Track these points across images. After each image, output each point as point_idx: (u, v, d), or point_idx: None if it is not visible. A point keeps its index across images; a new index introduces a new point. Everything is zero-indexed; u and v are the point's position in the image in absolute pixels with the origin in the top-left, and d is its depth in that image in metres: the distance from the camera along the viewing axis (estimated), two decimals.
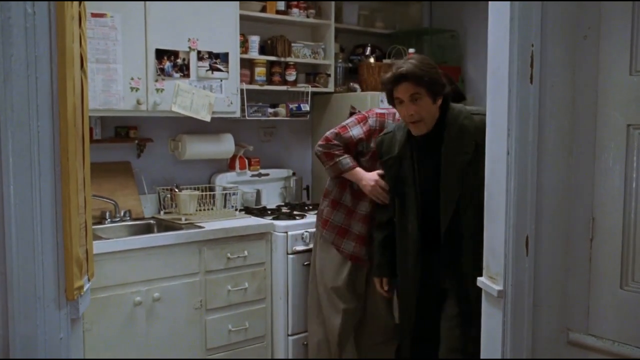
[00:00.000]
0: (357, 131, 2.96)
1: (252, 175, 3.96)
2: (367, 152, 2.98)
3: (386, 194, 2.81)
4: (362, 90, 4.05)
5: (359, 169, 2.95)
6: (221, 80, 3.50)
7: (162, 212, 3.59)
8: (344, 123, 3.04)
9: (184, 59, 3.35)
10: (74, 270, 1.60)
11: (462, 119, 2.44)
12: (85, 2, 1.82)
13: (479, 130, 2.38)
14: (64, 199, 1.57)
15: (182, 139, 3.61)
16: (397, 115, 2.85)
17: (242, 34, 3.62)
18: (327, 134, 3.03)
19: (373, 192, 2.88)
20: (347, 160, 2.97)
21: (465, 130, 2.42)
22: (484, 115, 2.41)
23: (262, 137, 4.14)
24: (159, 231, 3.39)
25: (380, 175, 2.85)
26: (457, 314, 2.46)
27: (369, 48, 4.33)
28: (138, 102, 3.22)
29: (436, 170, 2.45)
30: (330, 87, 4.06)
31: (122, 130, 3.52)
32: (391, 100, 2.47)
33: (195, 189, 3.65)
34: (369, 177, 2.90)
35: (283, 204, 4.05)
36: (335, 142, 2.98)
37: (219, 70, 3.47)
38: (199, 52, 3.39)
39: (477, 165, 2.36)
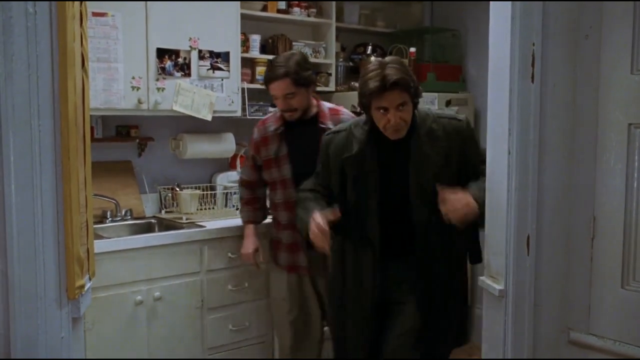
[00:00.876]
0: (250, 150, 3.02)
1: None
2: (261, 165, 2.97)
3: (256, 266, 3.02)
4: None
5: (248, 228, 3.05)
6: (222, 80, 3.50)
7: (163, 212, 3.59)
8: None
9: (185, 58, 3.35)
10: (75, 270, 1.61)
11: (430, 122, 2.31)
12: (86, 2, 1.82)
13: (447, 134, 2.30)
14: (65, 198, 1.57)
15: (183, 138, 3.60)
16: (277, 114, 2.90)
17: (243, 33, 3.62)
18: (241, 173, 3.09)
19: (244, 259, 3.01)
20: (244, 213, 3.10)
21: (434, 135, 2.29)
22: (451, 118, 2.38)
23: None
24: (160, 230, 3.39)
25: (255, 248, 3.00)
26: (414, 328, 2.32)
27: (370, 47, 4.33)
28: (139, 101, 3.22)
29: (403, 174, 2.30)
30: (332, 86, 4.06)
31: (123, 130, 3.52)
32: (368, 109, 2.25)
33: (196, 188, 3.65)
34: (246, 245, 3.02)
35: None
36: (244, 179, 3.08)
37: (220, 69, 3.47)
38: (200, 51, 3.39)
39: (448, 169, 2.30)
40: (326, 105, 2.94)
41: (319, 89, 4.02)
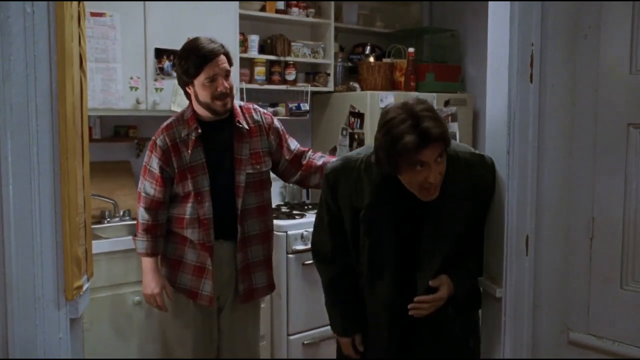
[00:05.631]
0: (155, 162, 2.48)
1: None
2: (174, 177, 2.48)
3: (162, 309, 2.53)
4: (362, 89, 4.05)
5: (149, 263, 2.51)
6: None
7: None
8: (144, 162, 2.55)
9: None
10: (73, 270, 1.60)
11: (458, 173, 1.90)
12: (85, 1, 1.81)
13: (474, 191, 1.92)
14: (63, 198, 1.57)
15: None
16: (185, 115, 2.50)
17: (241, 33, 3.62)
18: (140, 188, 2.56)
19: (147, 300, 2.55)
20: (142, 243, 2.51)
21: (460, 193, 1.91)
22: (479, 165, 1.94)
23: None
24: None
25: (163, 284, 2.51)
26: None
27: (368, 47, 4.33)
28: (137, 102, 3.22)
29: (415, 234, 1.94)
30: (330, 87, 4.06)
31: (121, 130, 3.52)
32: (397, 167, 1.79)
33: None
34: (149, 284, 2.51)
35: (282, 203, 4.05)
36: (149, 198, 2.51)
37: None
38: None
39: (464, 235, 1.97)
40: (235, 101, 2.55)
41: (317, 89, 4.02)
